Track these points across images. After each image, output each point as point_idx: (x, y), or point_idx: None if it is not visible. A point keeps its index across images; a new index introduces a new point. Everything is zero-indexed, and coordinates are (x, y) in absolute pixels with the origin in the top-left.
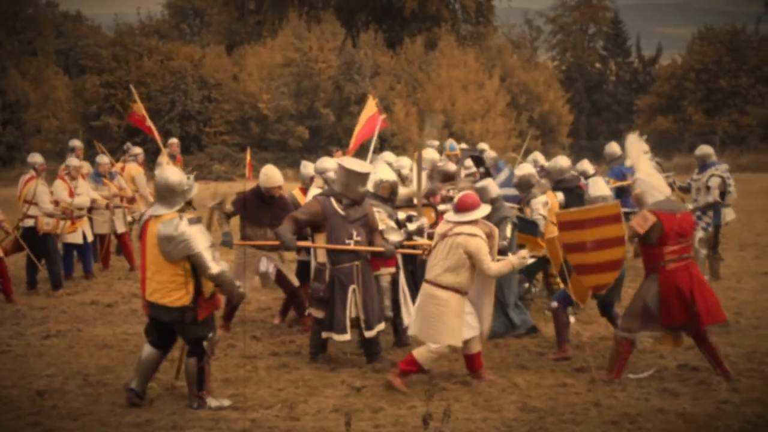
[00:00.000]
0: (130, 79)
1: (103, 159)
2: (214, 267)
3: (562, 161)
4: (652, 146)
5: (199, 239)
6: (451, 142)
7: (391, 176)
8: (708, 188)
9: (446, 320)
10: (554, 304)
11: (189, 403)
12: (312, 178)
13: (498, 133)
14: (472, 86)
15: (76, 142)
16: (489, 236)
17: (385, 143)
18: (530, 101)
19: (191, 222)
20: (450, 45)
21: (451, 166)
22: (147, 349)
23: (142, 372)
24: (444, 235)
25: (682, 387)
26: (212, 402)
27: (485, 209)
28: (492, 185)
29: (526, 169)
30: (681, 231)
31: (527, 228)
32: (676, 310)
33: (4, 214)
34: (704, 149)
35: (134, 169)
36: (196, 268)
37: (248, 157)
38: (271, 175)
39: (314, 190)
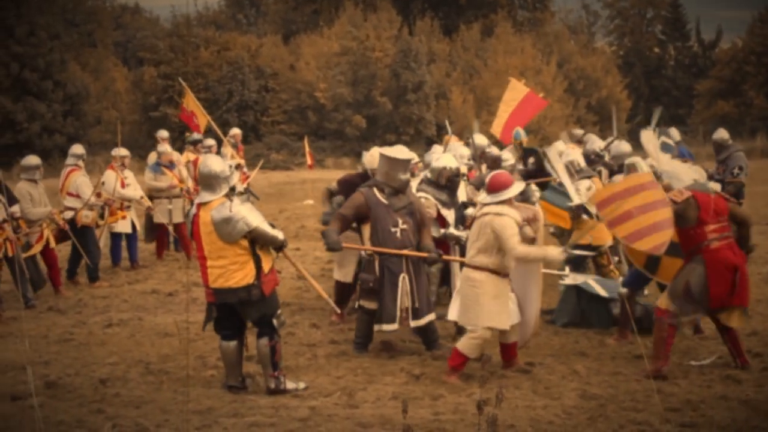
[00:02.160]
0: (188, 70)
1: (164, 148)
2: (279, 234)
3: (624, 146)
4: (712, 132)
5: (254, 215)
6: (517, 130)
7: (453, 164)
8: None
9: (482, 301)
10: (623, 290)
11: (266, 384)
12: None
13: (555, 119)
14: (529, 72)
15: (164, 133)
16: (532, 220)
17: (442, 131)
18: (588, 87)
19: (242, 201)
20: (506, 31)
21: (495, 150)
22: (223, 345)
23: (229, 367)
24: (476, 218)
25: (744, 373)
26: (289, 384)
27: (518, 188)
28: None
29: (573, 155)
30: (718, 210)
31: (558, 200)
32: (724, 290)
33: (58, 206)
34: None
35: None
36: (257, 242)
37: (307, 146)
38: (378, 156)
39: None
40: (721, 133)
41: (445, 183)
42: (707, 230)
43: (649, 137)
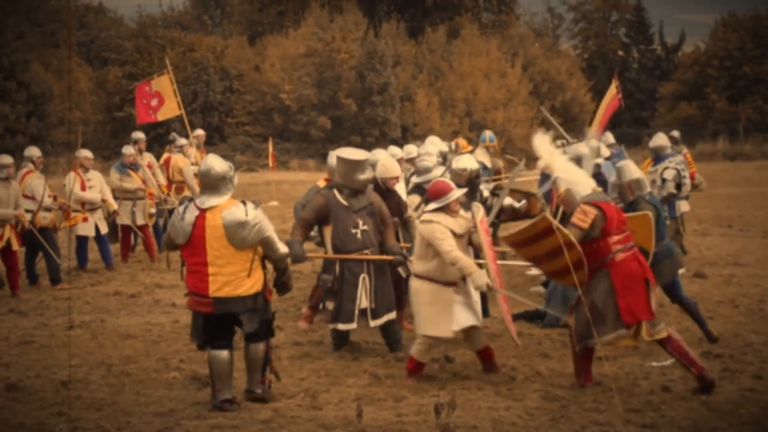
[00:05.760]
0: (153, 70)
1: (129, 150)
2: (282, 246)
3: (581, 148)
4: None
5: (267, 222)
6: (489, 134)
7: (474, 165)
8: (663, 180)
9: (418, 310)
10: None
11: (251, 388)
12: None
13: (520, 121)
14: (494, 75)
15: (140, 134)
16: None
17: (407, 133)
18: (552, 89)
19: (255, 206)
20: (472, 34)
21: (497, 162)
22: (215, 355)
23: (224, 378)
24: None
25: (711, 375)
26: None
27: (456, 193)
28: (629, 167)
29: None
30: (621, 219)
31: None
32: (636, 302)
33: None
34: (658, 140)
35: (181, 160)
36: (264, 251)
37: (271, 148)
38: (390, 165)
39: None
40: (660, 140)
41: (465, 184)
42: (611, 242)
43: (542, 140)
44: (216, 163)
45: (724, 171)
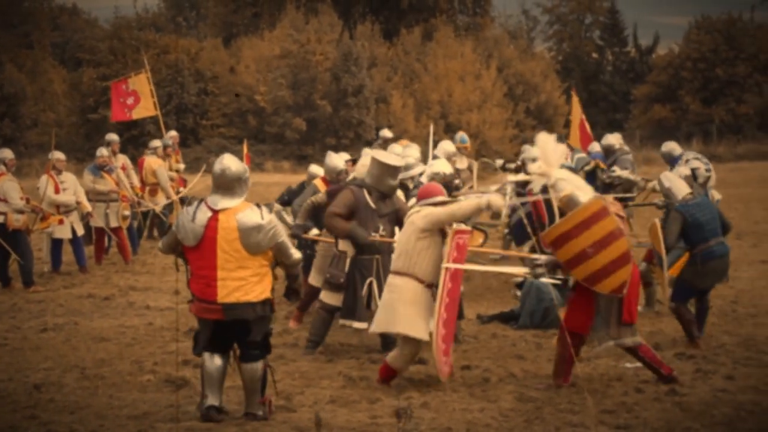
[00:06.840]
0: (127, 72)
1: (102, 152)
2: (296, 252)
3: (533, 152)
4: (649, 136)
5: (281, 226)
6: (462, 135)
7: (448, 169)
8: (693, 170)
9: (396, 306)
10: (672, 304)
11: (251, 411)
12: (339, 173)
13: (495, 123)
14: (468, 77)
15: (113, 136)
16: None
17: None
18: (527, 92)
19: (269, 210)
20: (447, 36)
21: (463, 162)
22: (213, 363)
23: (214, 386)
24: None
25: (678, 375)
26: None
27: (443, 198)
28: (665, 175)
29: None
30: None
31: None
32: (631, 302)
33: None
34: (669, 145)
35: (155, 162)
36: (276, 255)
37: (245, 150)
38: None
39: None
40: (610, 139)
41: None
42: None
43: (546, 139)
44: (232, 163)
45: None
